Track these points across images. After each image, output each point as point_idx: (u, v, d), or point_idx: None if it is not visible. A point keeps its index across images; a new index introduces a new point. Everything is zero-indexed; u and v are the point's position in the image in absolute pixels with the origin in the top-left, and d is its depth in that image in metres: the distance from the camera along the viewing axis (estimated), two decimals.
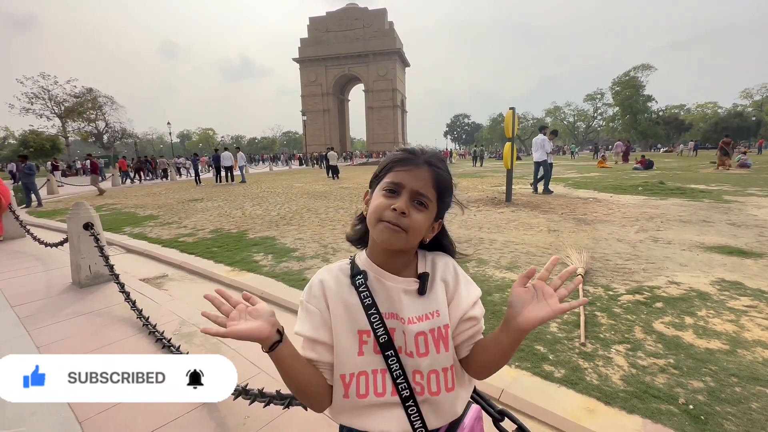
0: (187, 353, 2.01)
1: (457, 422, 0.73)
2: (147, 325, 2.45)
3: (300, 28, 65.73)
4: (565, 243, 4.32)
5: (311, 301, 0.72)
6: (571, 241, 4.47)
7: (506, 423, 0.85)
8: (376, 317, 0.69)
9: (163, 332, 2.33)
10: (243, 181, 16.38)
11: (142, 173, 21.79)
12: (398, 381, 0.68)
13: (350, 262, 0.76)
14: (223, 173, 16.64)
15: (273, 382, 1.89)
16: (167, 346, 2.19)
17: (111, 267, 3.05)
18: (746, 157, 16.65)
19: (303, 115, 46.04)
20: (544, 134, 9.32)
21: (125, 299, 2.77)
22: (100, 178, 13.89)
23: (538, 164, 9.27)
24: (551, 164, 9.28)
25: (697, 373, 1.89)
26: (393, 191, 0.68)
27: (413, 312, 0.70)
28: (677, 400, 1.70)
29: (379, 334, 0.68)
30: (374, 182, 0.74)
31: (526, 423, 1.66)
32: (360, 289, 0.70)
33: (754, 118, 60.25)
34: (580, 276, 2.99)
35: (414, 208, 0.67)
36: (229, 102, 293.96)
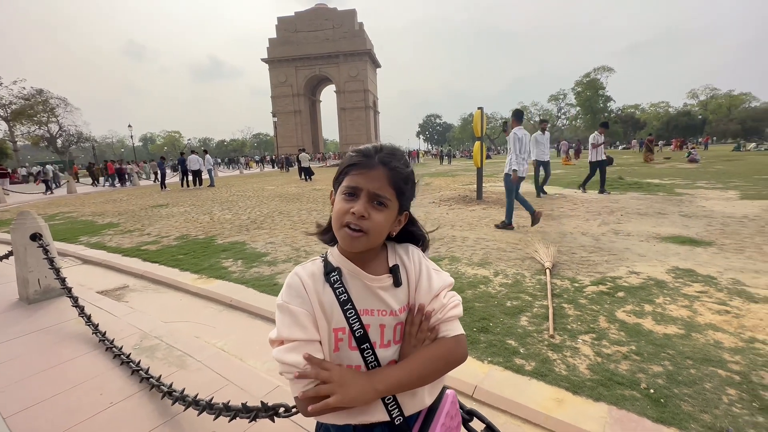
0: (148, 368, 1.89)
1: (434, 406, 0.75)
2: (103, 340, 2.29)
3: (270, 27, 64.32)
4: (534, 238, 4.45)
5: (294, 302, 0.69)
6: (538, 236, 4.61)
7: (475, 423, 0.84)
8: (351, 312, 0.69)
9: (121, 347, 2.18)
10: (212, 185, 15.81)
11: (100, 178, 20.56)
12: None
13: (323, 259, 0.75)
14: (190, 177, 16.00)
15: (241, 393, 1.82)
16: (126, 363, 2.05)
17: (63, 280, 2.84)
18: (695, 152, 17.88)
19: (273, 116, 45.11)
20: (543, 129, 8.48)
21: (79, 314, 2.58)
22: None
23: (539, 164, 8.31)
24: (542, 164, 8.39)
25: (656, 358, 1.98)
26: (351, 194, 0.68)
27: (395, 304, 0.71)
28: (639, 385, 1.78)
29: (355, 328, 0.68)
30: (336, 183, 0.74)
31: (500, 417, 1.68)
32: (335, 286, 0.70)
33: (700, 117, 64.95)
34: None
35: (373, 209, 0.67)
36: (197, 104, 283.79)
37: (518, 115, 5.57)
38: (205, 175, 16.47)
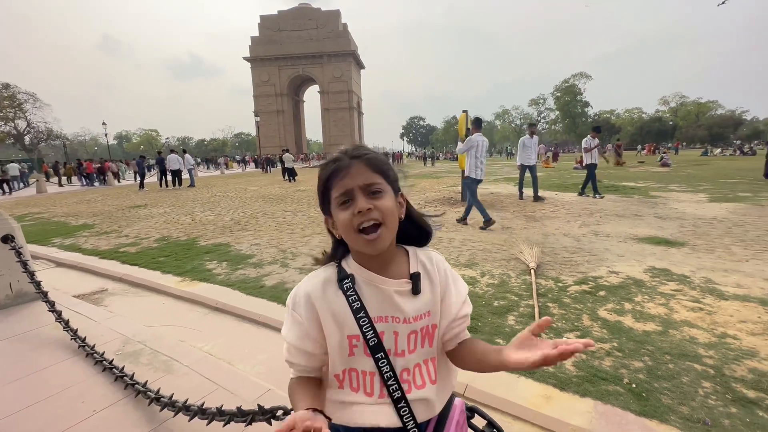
0: (132, 374, 1.84)
1: (445, 414, 0.75)
2: (83, 346, 2.21)
3: (253, 25, 63.30)
4: (518, 239, 4.56)
5: (297, 310, 0.71)
6: (523, 237, 4.72)
7: (477, 420, 0.87)
8: (365, 320, 0.68)
9: (103, 353, 2.11)
10: (192, 185, 15.42)
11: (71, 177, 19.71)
12: (389, 383, 0.69)
13: (337, 267, 0.74)
14: (169, 177, 15.56)
15: (232, 398, 1.79)
16: (108, 369, 1.98)
17: (38, 284, 2.72)
18: (667, 157, 18.68)
19: (256, 116, 44.33)
20: (532, 134, 8.30)
21: (56, 319, 2.48)
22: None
23: (524, 168, 8.23)
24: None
25: (637, 354, 2.07)
26: (347, 200, 0.67)
27: (410, 312, 0.70)
28: (622, 380, 1.85)
29: (368, 337, 0.68)
30: (325, 206, 0.72)
31: (491, 414, 1.72)
32: (348, 293, 0.69)
33: (671, 123, 67.90)
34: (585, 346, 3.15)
35: (374, 198, 0.67)
36: (176, 102, 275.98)
37: (478, 123, 5.94)
38: (185, 175, 16.06)
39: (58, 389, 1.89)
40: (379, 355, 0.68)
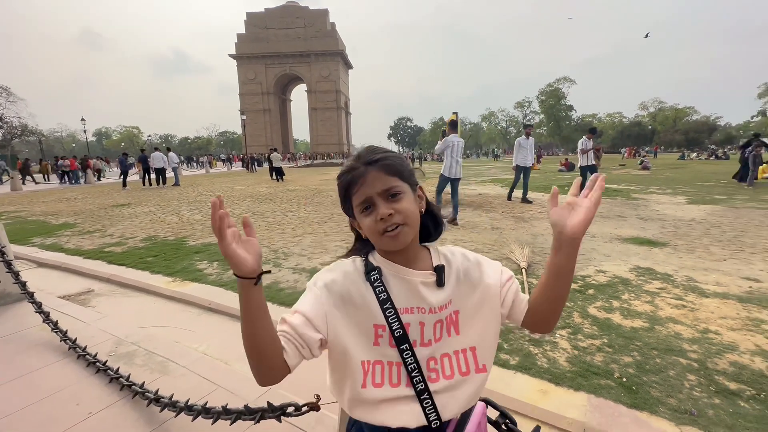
0: (128, 375, 1.81)
1: (466, 417, 0.76)
2: (74, 347, 2.15)
3: (240, 22, 62.35)
4: (508, 239, 4.65)
5: (314, 290, 0.72)
6: (512, 237, 4.81)
7: (489, 411, 0.90)
8: (391, 312, 0.70)
9: (95, 355, 2.06)
10: (176, 184, 15.10)
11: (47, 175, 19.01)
12: (413, 374, 0.69)
13: (364, 260, 0.76)
14: (152, 175, 15.19)
15: (232, 397, 1.78)
16: (102, 370, 1.94)
17: (23, 284, 2.63)
18: (647, 160, 19.31)
19: (242, 114, 43.70)
20: (528, 134, 8.16)
21: (44, 320, 2.41)
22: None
23: (521, 169, 8.07)
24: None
25: (626, 350, 2.15)
26: (368, 207, 0.70)
27: (436, 302, 0.72)
28: (613, 374, 1.92)
29: (394, 328, 0.69)
30: (348, 210, 0.75)
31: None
32: (375, 285, 0.71)
33: (650, 127, 70.07)
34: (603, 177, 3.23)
35: (394, 202, 0.69)
36: (159, 99, 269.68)
37: (453, 125, 6.38)
38: (169, 174, 15.71)
39: (51, 391, 1.84)
40: (404, 345, 0.69)
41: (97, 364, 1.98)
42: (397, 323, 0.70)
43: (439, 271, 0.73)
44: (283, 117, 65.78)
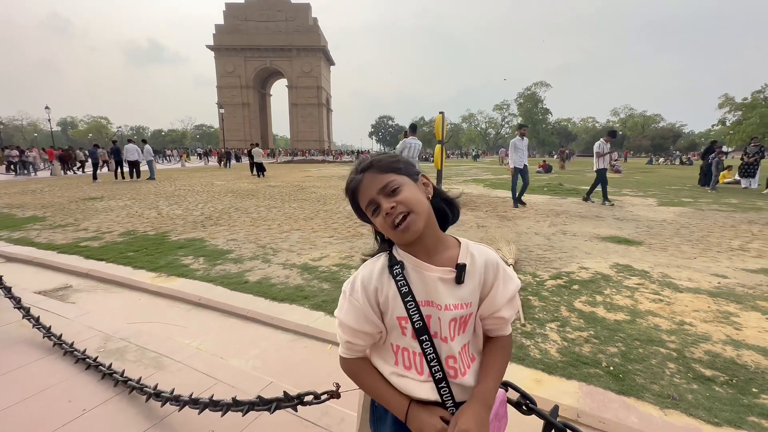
0: (123, 371, 1.76)
1: None
2: (60, 344, 2.07)
3: (218, 12, 60.50)
4: (495, 237, 4.77)
5: (354, 295, 0.76)
6: (498, 235, 4.94)
7: (510, 393, 0.94)
8: (412, 304, 0.73)
9: (84, 351, 1.99)
10: (151, 178, 14.53)
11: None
12: (432, 364, 0.74)
13: (389, 255, 0.78)
14: (126, 168, 14.57)
15: (234, 391, 1.76)
16: (93, 366, 1.88)
17: None
18: (618, 164, 20.18)
19: (219, 107, 42.48)
20: (523, 135, 7.84)
21: (24, 316, 2.30)
22: None
23: (517, 171, 7.67)
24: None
25: (611, 341, 2.27)
26: (375, 208, 0.74)
27: (450, 299, 0.74)
28: (601, 364, 2.03)
29: (414, 320, 0.73)
30: (363, 217, 0.79)
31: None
32: (397, 279, 0.74)
33: (621, 132, 73.17)
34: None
35: (394, 195, 0.72)
36: (131, 89, 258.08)
37: (413, 128, 6.96)
38: (144, 167, 15.11)
39: (39, 389, 1.76)
40: (423, 337, 0.73)
41: (88, 360, 1.91)
42: (417, 315, 0.73)
43: (461, 269, 0.74)
44: (262, 112, 64.42)
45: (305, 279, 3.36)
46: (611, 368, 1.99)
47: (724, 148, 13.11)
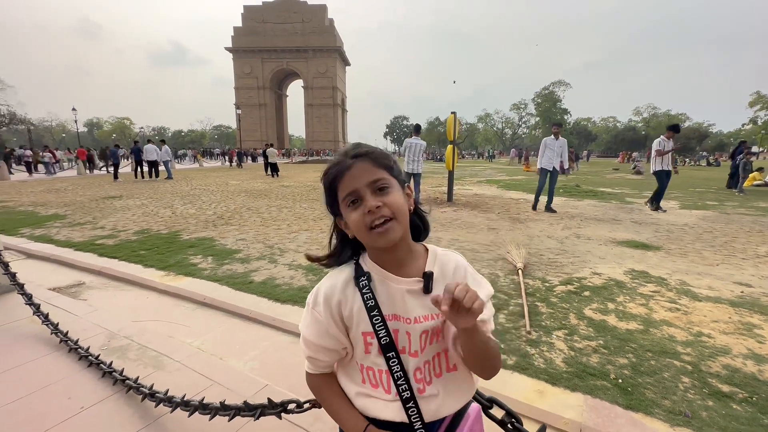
0: (122, 370, 1.77)
1: (459, 417, 0.75)
2: (66, 341, 2.11)
3: (237, 15, 61.72)
4: (505, 240, 4.66)
5: (316, 308, 0.72)
6: (509, 238, 4.83)
7: (496, 411, 0.89)
8: (378, 319, 0.68)
9: (87, 348, 2.02)
10: (169, 177, 14.91)
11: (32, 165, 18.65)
12: (399, 383, 0.69)
13: (355, 264, 0.74)
14: (146, 168, 15.00)
15: (228, 393, 1.76)
16: (95, 364, 1.91)
17: (13, 275, 2.57)
18: (640, 165, 19.55)
19: (237, 108, 43.28)
20: (556, 134, 6.89)
21: (34, 312, 2.36)
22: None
23: (546, 173, 6.95)
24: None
25: (621, 351, 2.17)
26: (355, 200, 0.67)
27: (419, 311, 0.70)
28: (609, 376, 1.94)
29: (380, 335, 0.68)
30: (334, 209, 0.72)
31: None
32: (363, 291, 0.70)
33: (644, 133, 70.95)
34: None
35: (382, 195, 0.67)
36: (154, 91, 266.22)
37: (417, 128, 7.17)
38: (162, 167, 15.51)
39: (42, 385, 1.80)
40: (390, 354, 0.68)
41: (90, 357, 1.94)
42: (383, 331, 0.68)
43: (428, 278, 0.70)
44: (278, 112, 65.33)
45: (310, 280, 3.35)
46: (620, 381, 1.89)
47: (755, 149, 12.50)
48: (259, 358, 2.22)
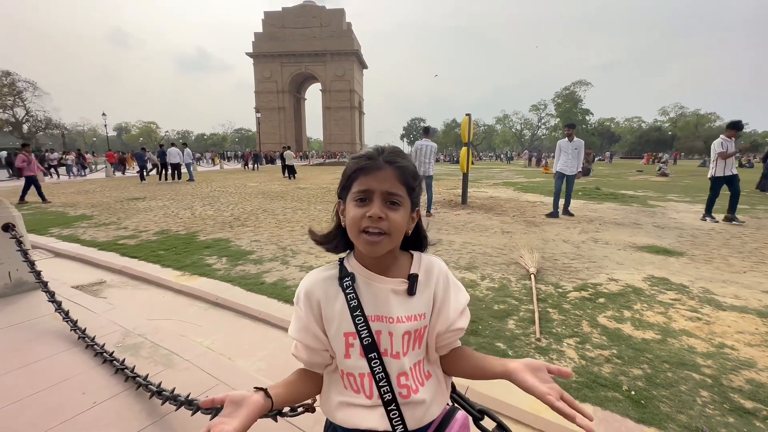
0: (133, 367, 1.83)
1: (444, 425, 0.74)
2: (83, 337, 2.20)
3: (258, 21, 63.22)
4: (518, 244, 4.57)
5: (298, 304, 0.74)
6: (523, 242, 4.73)
7: (487, 422, 0.87)
8: (360, 319, 0.69)
9: (103, 345, 2.10)
10: (191, 180, 15.37)
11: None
12: (381, 384, 0.69)
13: (339, 264, 0.75)
14: (168, 170, 15.51)
15: None
16: (108, 361, 1.98)
17: (38, 273, 2.70)
18: (666, 166, 18.80)
19: (257, 112, 44.28)
20: (569, 136, 6.61)
21: (56, 309, 2.47)
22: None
23: (561, 176, 6.73)
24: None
25: (636, 362, 2.08)
26: (364, 199, 0.67)
27: (402, 312, 0.71)
28: (621, 387, 1.86)
29: (363, 336, 0.69)
30: (342, 193, 0.73)
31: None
32: (347, 291, 0.70)
33: (670, 133, 68.31)
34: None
35: (389, 209, 0.67)
36: (179, 95, 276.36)
37: (426, 130, 7.08)
38: (184, 169, 16.00)
39: (59, 380, 1.88)
40: (372, 355, 0.68)
41: (104, 354, 2.02)
42: (366, 331, 0.69)
43: (413, 279, 0.72)
44: (297, 115, 66.36)
45: None
46: (633, 393, 1.82)
47: None
48: (266, 359, 2.25)
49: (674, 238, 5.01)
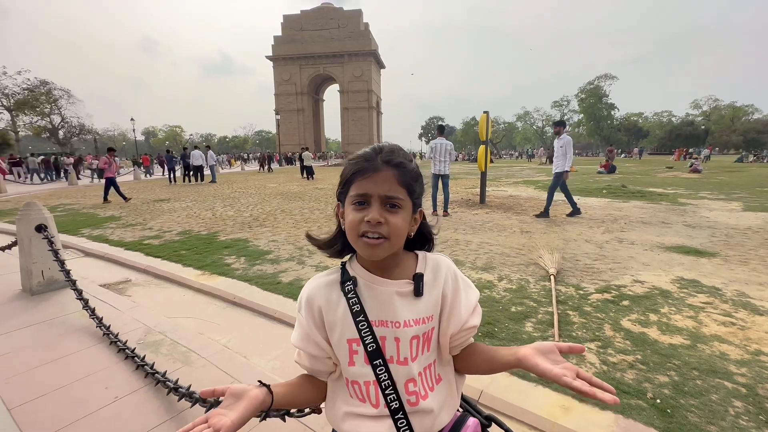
0: (153, 364, 1.89)
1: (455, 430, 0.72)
2: (108, 334, 2.29)
3: (278, 25, 64.42)
4: (538, 244, 4.45)
5: (300, 311, 0.73)
6: (542, 242, 4.61)
7: (494, 429, 0.84)
8: (364, 325, 0.67)
9: (126, 342, 2.18)
10: (213, 181, 15.81)
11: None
12: (387, 392, 0.66)
13: (341, 269, 0.73)
14: (191, 172, 16.02)
15: None
16: (130, 357, 2.05)
17: (67, 272, 2.83)
18: (697, 162, 17.91)
19: (276, 114, 45.11)
20: (557, 133, 6.58)
21: (83, 306, 2.58)
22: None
23: (557, 176, 6.57)
24: None
25: (662, 368, 1.98)
26: (362, 203, 0.65)
27: (409, 315, 0.68)
28: (646, 394, 1.77)
29: (367, 342, 0.66)
30: (341, 195, 0.70)
31: (506, 423, 1.68)
32: (349, 296, 0.68)
33: (703, 127, 64.99)
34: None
35: (388, 212, 0.64)
36: (203, 99, 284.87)
37: (440, 129, 7.11)
38: (207, 171, 16.47)
39: (83, 374, 1.96)
40: (377, 361, 0.66)
41: (126, 351, 2.09)
42: (370, 337, 0.66)
43: (418, 279, 0.68)
44: (315, 116, 67.16)
45: None
46: (658, 401, 1.73)
47: None
48: (281, 357, 2.27)
49: (706, 237, 4.75)
